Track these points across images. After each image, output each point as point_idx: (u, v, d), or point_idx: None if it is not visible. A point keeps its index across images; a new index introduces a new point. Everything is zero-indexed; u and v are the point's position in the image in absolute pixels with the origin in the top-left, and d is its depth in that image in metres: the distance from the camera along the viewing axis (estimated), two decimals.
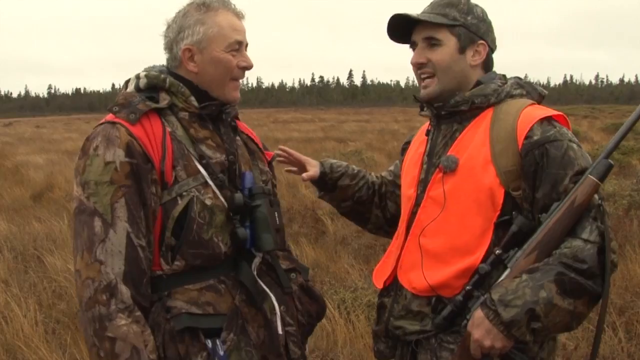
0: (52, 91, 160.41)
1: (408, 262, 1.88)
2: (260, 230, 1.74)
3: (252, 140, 1.97)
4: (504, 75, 1.93)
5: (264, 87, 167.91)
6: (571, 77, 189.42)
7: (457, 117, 1.86)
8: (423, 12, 1.87)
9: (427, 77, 1.86)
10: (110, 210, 1.57)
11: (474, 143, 1.79)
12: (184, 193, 1.66)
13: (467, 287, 1.74)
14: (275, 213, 1.79)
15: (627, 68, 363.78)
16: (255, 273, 1.75)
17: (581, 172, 1.69)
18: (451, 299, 1.77)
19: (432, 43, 1.84)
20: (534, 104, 1.84)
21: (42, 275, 5.34)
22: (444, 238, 1.81)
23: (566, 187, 1.68)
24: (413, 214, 1.90)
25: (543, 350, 1.80)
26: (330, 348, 3.97)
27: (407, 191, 1.96)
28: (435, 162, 1.87)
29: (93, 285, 1.54)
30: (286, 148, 2.16)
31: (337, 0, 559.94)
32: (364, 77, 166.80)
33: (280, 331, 1.75)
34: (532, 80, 2.02)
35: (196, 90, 1.76)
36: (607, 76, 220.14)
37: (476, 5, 1.89)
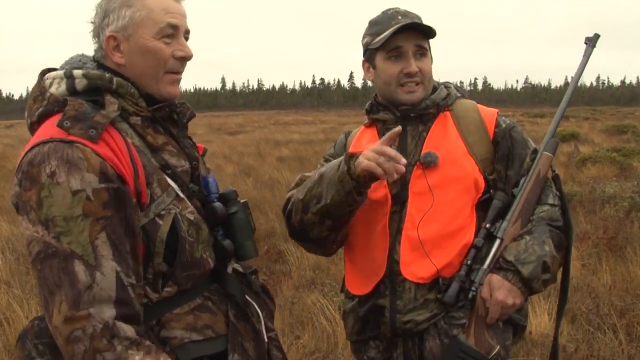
0: None
1: (409, 257, 1.95)
2: (242, 239, 1.62)
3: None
4: (437, 81, 2.14)
5: (264, 89, 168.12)
6: (572, 79, 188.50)
7: (422, 119, 2.02)
8: (414, 22, 1.97)
9: (415, 84, 1.99)
10: (91, 250, 1.31)
11: (448, 138, 2.00)
12: (163, 212, 1.45)
13: (467, 262, 1.92)
14: (250, 217, 1.67)
15: (628, 70, 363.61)
16: None
17: (535, 151, 2.01)
18: (452, 278, 1.93)
19: (421, 53, 1.99)
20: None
21: None
22: (439, 225, 1.94)
23: (528, 163, 1.99)
24: (394, 213, 1.98)
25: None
26: (331, 350, 3.98)
27: (374, 195, 1.98)
28: (412, 160, 1.97)
29: (86, 336, 1.28)
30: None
31: (338, 2, 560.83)
32: (364, 79, 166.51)
33: (265, 339, 1.65)
34: (533, 83, 2.20)
35: (139, 89, 1.52)
36: (608, 78, 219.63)
37: None
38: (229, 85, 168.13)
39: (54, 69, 1.54)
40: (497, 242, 1.92)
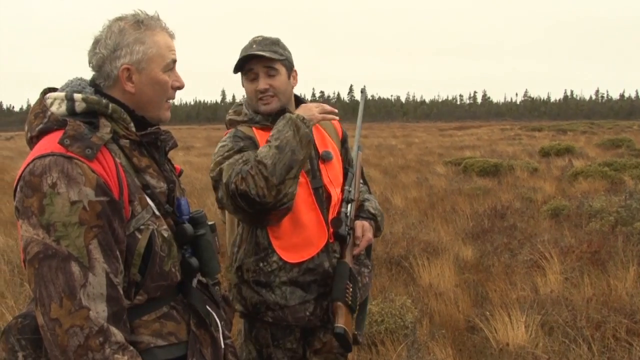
0: None
1: (336, 226, 2.51)
2: (208, 258, 1.81)
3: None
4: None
5: None
6: (571, 92, 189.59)
7: None
8: (259, 50, 2.41)
9: (270, 97, 2.46)
10: (85, 253, 1.49)
11: (327, 141, 2.64)
12: (142, 227, 1.62)
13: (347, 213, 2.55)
14: (215, 238, 1.87)
15: (628, 83, 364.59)
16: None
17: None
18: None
19: (271, 74, 2.44)
20: None
21: None
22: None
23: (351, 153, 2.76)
24: (316, 192, 2.50)
25: None
26: None
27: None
28: (315, 156, 2.53)
29: (82, 333, 1.45)
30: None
31: (338, 16, 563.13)
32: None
33: (222, 345, 1.84)
34: (532, 96, 2.57)
35: (131, 114, 1.71)
36: (607, 91, 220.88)
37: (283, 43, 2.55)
38: (229, 98, 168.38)
39: (55, 89, 1.71)
40: (353, 203, 2.56)
